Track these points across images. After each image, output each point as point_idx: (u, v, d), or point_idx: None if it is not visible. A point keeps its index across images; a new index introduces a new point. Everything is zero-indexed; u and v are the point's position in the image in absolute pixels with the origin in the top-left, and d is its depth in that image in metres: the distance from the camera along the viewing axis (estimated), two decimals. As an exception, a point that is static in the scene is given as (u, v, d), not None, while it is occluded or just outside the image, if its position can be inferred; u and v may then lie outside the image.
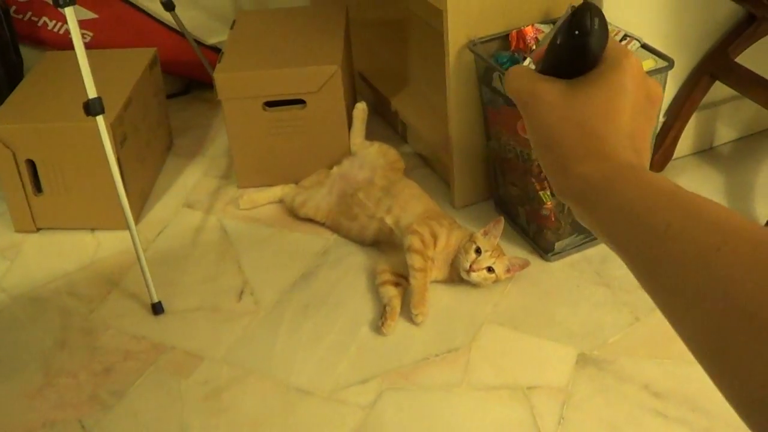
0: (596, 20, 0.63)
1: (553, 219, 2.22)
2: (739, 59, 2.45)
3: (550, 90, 0.64)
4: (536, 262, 2.29)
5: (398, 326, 2.13)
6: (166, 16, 2.91)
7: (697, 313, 0.49)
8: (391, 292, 2.18)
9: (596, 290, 2.19)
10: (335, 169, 2.51)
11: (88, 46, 2.06)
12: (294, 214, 2.51)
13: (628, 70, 0.63)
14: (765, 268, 0.47)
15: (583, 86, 0.63)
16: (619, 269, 2.17)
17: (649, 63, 2.14)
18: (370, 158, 2.50)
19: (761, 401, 0.45)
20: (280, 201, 2.56)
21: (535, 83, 0.65)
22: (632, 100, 0.63)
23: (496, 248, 2.19)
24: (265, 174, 2.62)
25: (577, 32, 0.63)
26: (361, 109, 2.60)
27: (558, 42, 0.65)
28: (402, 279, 2.21)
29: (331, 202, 2.44)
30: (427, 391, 1.96)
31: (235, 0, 3.15)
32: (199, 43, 3.00)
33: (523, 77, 0.67)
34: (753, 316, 0.45)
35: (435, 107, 2.67)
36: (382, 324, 2.10)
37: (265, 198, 2.57)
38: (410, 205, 2.34)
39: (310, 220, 2.47)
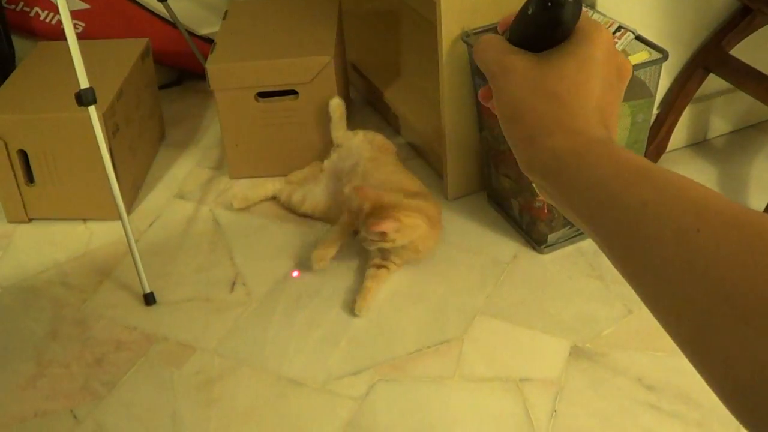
0: None
1: (546, 211, 2.22)
2: (734, 52, 2.45)
3: (521, 62, 0.63)
4: (529, 255, 2.29)
5: (391, 318, 2.13)
6: (158, 7, 2.91)
7: (677, 297, 0.48)
8: (370, 272, 2.20)
9: (589, 283, 2.19)
10: (325, 162, 2.50)
11: (79, 37, 2.05)
12: (293, 211, 2.49)
13: (599, 43, 0.62)
14: (747, 251, 0.45)
15: (555, 59, 0.62)
16: (612, 261, 2.17)
17: (643, 55, 2.14)
18: (355, 148, 2.48)
19: (745, 388, 0.43)
20: (273, 198, 2.55)
21: (505, 54, 0.64)
22: (603, 74, 0.62)
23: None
24: (258, 165, 2.62)
25: (550, 3, 0.61)
26: (336, 104, 2.55)
27: (529, 12, 0.63)
28: (387, 262, 2.21)
29: (327, 198, 2.44)
30: (420, 383, 1.96)
31: (228, -10, 3.15)
32: (191, 33, 2.99)
33: (494, 48, 0.66)
34: (735, 302, 0.44)
35: (428, 98, 2.67)
36: (354, 303, 2.12)
37: (258, 195, 2.54)
38: (382, 173, 2.34)
39: (309, 216, 2.47)
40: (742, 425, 0.44)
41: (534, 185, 0.64)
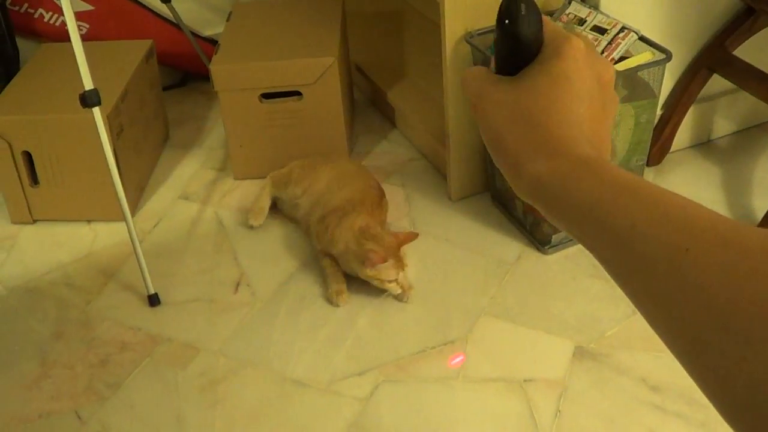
0: (522, 5, 0.60)
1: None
2: (737, 52, 2.44)
3: (497, 89, 0.62)
4: (533, 255, 2.29)
5: (395, 319, 2.13)
6: (162, 8, 2.91)
7: (671, 317, 0.47)
8: (325, 263, 2.23)
9: (593, 283, 2.19)
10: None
11: (84, 38, 2.05)
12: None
13: (569, 55, 0.60)
14: (734, 270, 0.44)
15: (527, 79, 0.61)
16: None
17: (647, 56, 2.14)
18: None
19: (743, 407, 0.43)
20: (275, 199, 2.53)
21: (483, 83, 0.63)
22: (578, 87, 0.59)
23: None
24: (262, 165, 2.62)
25: (506, 21, 0.60)
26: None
27: (495, 37, 0.63)
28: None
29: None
30: (424, 384, 1.96)
31: (231, -9, 3.15)
32: (195, 34, 2.99)
33: (475, 79, 0.64)
34: (728, 322, 0.43)
35: (431, 99, 2.67)
36: (334, 296, 2.16)
37: (266, 204, 2.52)
38: (326, 199, 2.34)
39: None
40: None
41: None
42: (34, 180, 2.48)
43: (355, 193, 2.33)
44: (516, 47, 0.62)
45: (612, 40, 2.13)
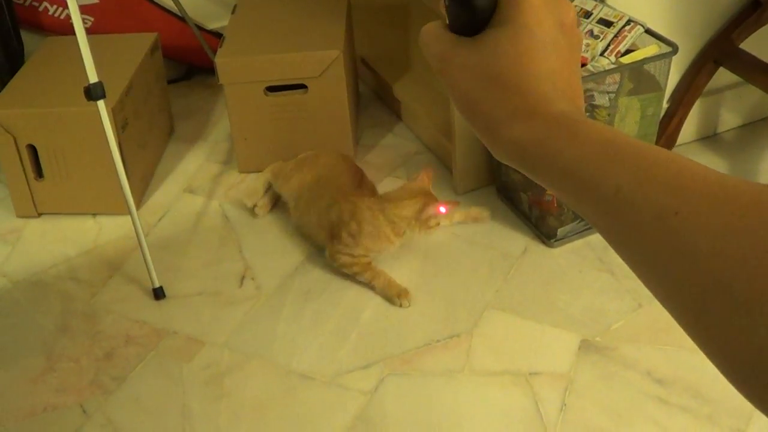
0: None
1: (555, 205, 2.22)
2: (744, 45, 2.44)
3: (458, 52, 0.58)
4: (539, 248, 2.29)
5: (400, 312, 2.13)
6: (167, 1, 2.91)
7: (670, 284, 0.45)
8: (367, 276, 2.21)
9: (599, 276, 2.18)
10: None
11: (88, 31, 2.05)
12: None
13: (525, 6, 0.56)
14: (732, 230, 0.42)
15: (489, 38, 0.57)
16: (621, 255, 2.17)
17: (653, 48, 2.13)
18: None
19: (750, 374, 0.41)
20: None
21: (443, 46, 0.59)
22: (541, 38, 0.56)
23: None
24: (267, 159, 2.61)
25: None
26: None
27: None
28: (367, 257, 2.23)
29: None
30: (429, 377, 1.96)
31: (236, -15, 3.15)
32: (200, 27, 2.99)
33: (435, 40, 0.60)
34: (727, 288, 0.41)
35: (437, 92, 2.66)
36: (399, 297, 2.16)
37: (260, 186, 2.51)
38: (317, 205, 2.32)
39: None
40: (757, 408, 0.43)
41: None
42: (39, 173, 2.48)
43: (339, 181, 2.32)
44: (466, 5, 0.58)
45: (618, 32, 2.12)
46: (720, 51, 2.46)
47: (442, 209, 2.16)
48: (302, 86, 2.55)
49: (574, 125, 0.52)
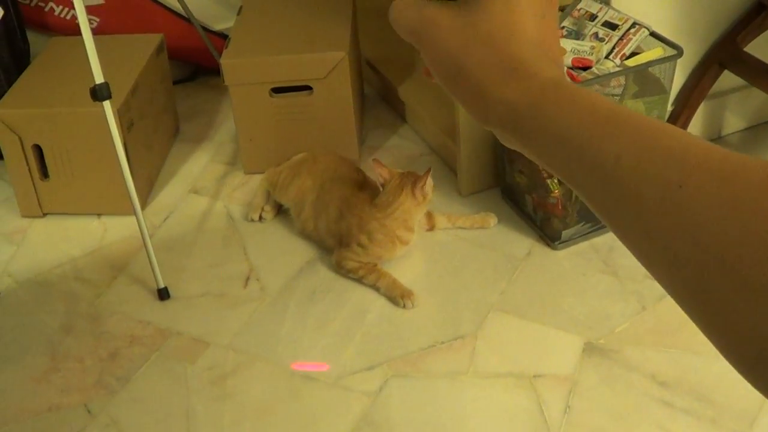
0: None
1: (560, 207, 2.22)
2: (749, 48, 2.44)
3: (442, 14, 0.56)
4: (543, 251, 2.29)
5: (404, 314, 2.13)
6: (172, 2, 2.91)
7: (668, 260, 0.42)
8: (371, 279, 2.21)
9: (603, 279, 2.18)
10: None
11: (94, 32, 2.05)
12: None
13: None
14: (739, 207, 0.40)
15: (474, 2, 0.55)
16: (626, 258, 2.17)
17: (658, 51, 2.14)
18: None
19: (753, 358, 0.39)
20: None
21: (422, 10, 0.57)
22: (526, 2, 0.54)
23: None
24: (272, 160, 2.61)
25: None
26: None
27: None
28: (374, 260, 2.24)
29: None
30: (433, 379, 1.96)
31: (242, -14, 3.15)
32: (205, 29, 2.99)
33: (411, 7, 0.58)
34: (732, 267, 0.39)
35: (442, 94, 2.65)
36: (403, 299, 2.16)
37: (261, 200, 2.50)
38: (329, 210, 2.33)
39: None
40: (765, 396, 0.42)
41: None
42: (44, 173, 2.49)
43: (343, 191, 2.33)
44: None
45: (623, 35, 2.12)
46: (725, 54, 2.46)
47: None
48: (307, 87, 2.55)
49: (569, 89, 0.50)
